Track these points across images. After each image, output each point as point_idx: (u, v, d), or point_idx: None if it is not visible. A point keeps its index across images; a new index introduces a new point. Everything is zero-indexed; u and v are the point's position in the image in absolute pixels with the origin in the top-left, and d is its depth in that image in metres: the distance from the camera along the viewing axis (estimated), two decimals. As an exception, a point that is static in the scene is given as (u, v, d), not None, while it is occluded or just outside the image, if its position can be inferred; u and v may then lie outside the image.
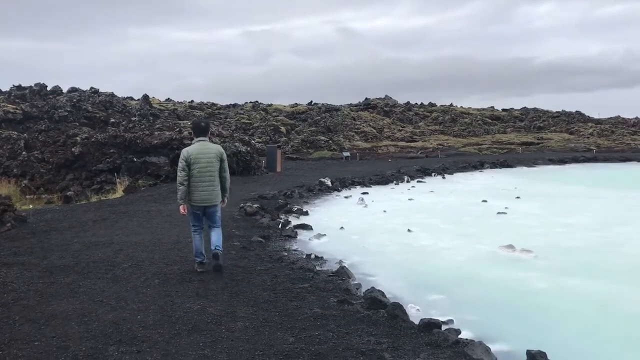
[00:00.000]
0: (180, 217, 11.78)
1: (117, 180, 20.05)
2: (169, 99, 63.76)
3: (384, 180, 23.83)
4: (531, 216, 13.96)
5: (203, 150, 6.97)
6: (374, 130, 54.38)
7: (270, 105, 61.78)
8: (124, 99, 49.01)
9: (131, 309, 5.58)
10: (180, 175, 6.91)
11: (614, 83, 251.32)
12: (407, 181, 24.42)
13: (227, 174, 7.19)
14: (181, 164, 6.92)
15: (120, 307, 5.64)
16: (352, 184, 22.13)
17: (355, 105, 68.53)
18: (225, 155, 7.19)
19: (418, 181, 24.67)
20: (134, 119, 34.42)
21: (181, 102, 60.40)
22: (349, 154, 40.30)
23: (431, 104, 73.97)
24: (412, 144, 50.21)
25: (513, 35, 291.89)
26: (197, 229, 7.17)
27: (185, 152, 6.99)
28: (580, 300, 6.91)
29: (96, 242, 9.07)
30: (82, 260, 7.70)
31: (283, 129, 50.10)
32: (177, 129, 24.88)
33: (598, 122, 66.61)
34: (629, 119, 69.51)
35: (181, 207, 7.04)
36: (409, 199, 17.55)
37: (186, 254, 8.16)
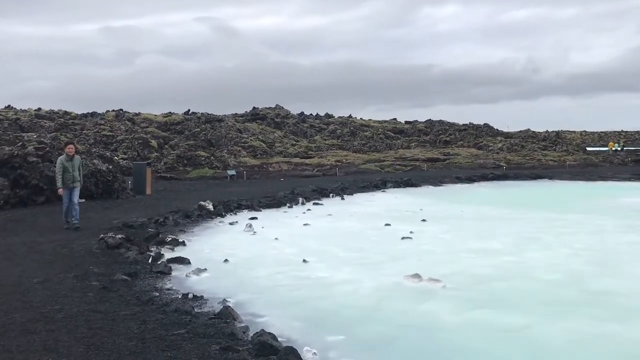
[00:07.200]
0: (22, 254, 11.25)
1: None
2: (9, 106, 60.81)
3: (275, 203, 23.92)
4: (438, 241, 14.60)
5: (69, 159, 14.54)
6: (264, 145, 54.60)
7: (138, 114, 60.19)
8: (-50, 105, 45.65)
9: (-44, 372, 5.15)
10: (58, 171, 14.46)
11: (518, 94, 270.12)
12: (302, 203, 24.66)
13: (80, 172, 14.90)
14: (58, 166, 14.42)
15: (-59, 370, 5.19)
16: (239, 207, 21.99)
17: (242, 116, 68.58)
18: (80, 162, 15.04)
19: (314, 203, 25.00)
20: (-38, 130, 32.10)
21: (25, 110, 57.53)
22: (234, 173, 40.03)
23: (328, 115, 75.83)
24: (308, 161, 50.90)
25: (414, 40, 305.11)
26: (66, 201, 14.39)
27: (59, 160, 14.60)
28: (493, 335, 7.27)
29: None
30: None
31: (154, 142, 48.89)
32: (20, 144, 23.45)
33: (507, 135, 71.34)
34: (539, 132, 75.27)
35: (60, 190, 14.39)
36: (304, 224, 17.74)
37: (30, 298, 7.69)
